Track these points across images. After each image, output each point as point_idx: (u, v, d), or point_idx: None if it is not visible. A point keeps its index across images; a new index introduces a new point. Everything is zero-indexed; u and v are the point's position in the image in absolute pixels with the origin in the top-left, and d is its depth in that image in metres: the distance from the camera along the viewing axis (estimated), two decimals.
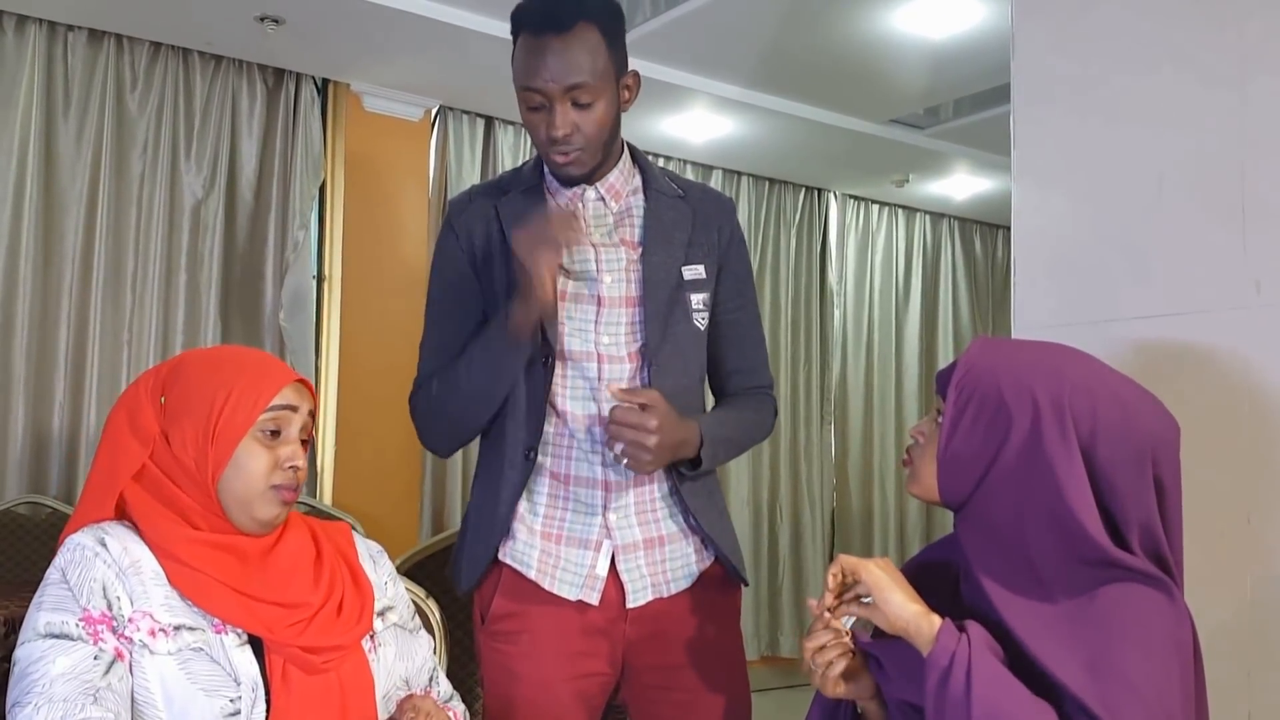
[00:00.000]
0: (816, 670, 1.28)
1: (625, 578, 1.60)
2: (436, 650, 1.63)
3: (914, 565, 1.36)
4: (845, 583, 1.27)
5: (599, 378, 1.61)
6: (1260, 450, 1.54)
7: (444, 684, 1.52)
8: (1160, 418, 1.22)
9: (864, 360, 5.76)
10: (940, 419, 1.26)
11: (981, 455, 1.22)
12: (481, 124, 4.55)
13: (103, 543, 1.24)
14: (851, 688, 1.29)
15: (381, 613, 1.43)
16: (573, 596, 1.59)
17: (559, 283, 1.61)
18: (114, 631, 1.20)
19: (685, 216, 1.69)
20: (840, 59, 3.90)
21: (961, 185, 5.51)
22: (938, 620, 1.17)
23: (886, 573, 1.23)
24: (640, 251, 1.65)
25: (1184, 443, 1.23)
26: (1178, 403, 1.26)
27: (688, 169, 5.06)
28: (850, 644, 1.29)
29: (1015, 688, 1.12)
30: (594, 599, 1.59)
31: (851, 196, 5.76)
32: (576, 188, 1.65)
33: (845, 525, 5.66)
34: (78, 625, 1.19)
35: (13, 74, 3.58)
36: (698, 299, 1.67)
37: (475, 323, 1.65)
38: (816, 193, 5.61)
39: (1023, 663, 1.15)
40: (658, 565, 1.63)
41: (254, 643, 1.28)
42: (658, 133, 4.63)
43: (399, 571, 1.53)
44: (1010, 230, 1.90)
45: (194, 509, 1.29)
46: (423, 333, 1.70)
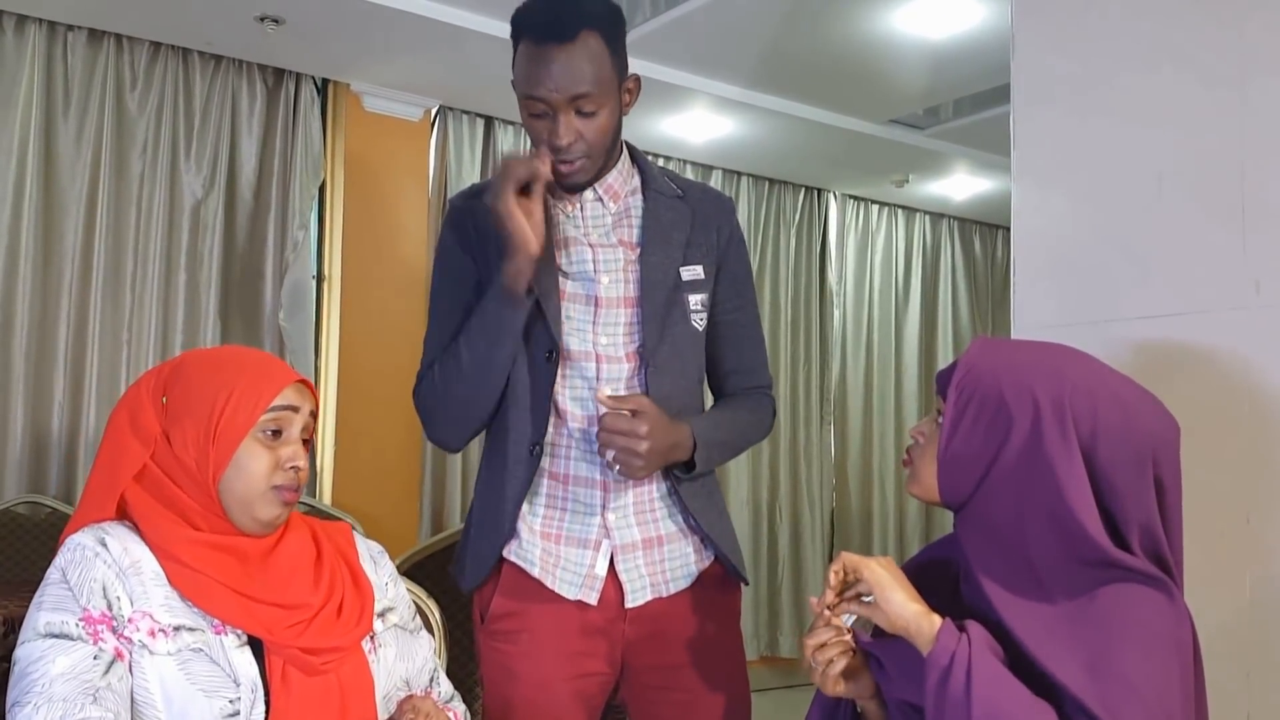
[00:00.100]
0: (817, 668, 1.28)
1: (624, 578, 1.60)
2: (436, 650, 1.63)
3: (915, 564, 1.36)
4: (847, 580, 1.27)
5: (597, 378, 1.61)
6: (1260, 450, 1.54)
7: (445, 684, 1.51)
8: (1160, 418, 1.22)
9: (863, 360, 5.76)
10: (940, 419, 1.26)
11: (982, 456, 1.22)
12: (481, 124, 4.55)
13: (103, 543, 1.24)
14: (852, 686, 1.29)
15: (382, 613, 1.43)
16: (572, 596, 1.59)
17: (559, 282, 1.62)
18: (114, 631, 1.20)
19: (684, 217, 1.68)
20: (840, 59, 3.89)
21: (961, 185, 5.51)
22: (938, 620, 1.17)
23: (888, 571, 1.23)
24: (638, 252, 1.64)
25: (1184, 443, 1.23)
26: (1177, 403, 1.26)
27: (687, 169, 5.06)
28: (851, 642, 1.29)
29: (1015, 688, 1.12)
30: (593, 599, 1.59)
31: (851, 197, 5.76)
32: None
33: (845, 525, 5.66)
34: (78, 625, 1.19)
35: (12, 74, 3.58)
36: (696, 300, 1.67)
37: None
38: (816, 193, 5.61)
39: (1023, 663, 1.15)
40: (656, 565, 1.62)
41: (254, 644, 1.28)
42: (657, 133, 4.63)
43: (398, 571, 1.53)
44: (1010, 230, 1.90)
45: (195, 509, 1.29)
46: (426, 328, 1.69)
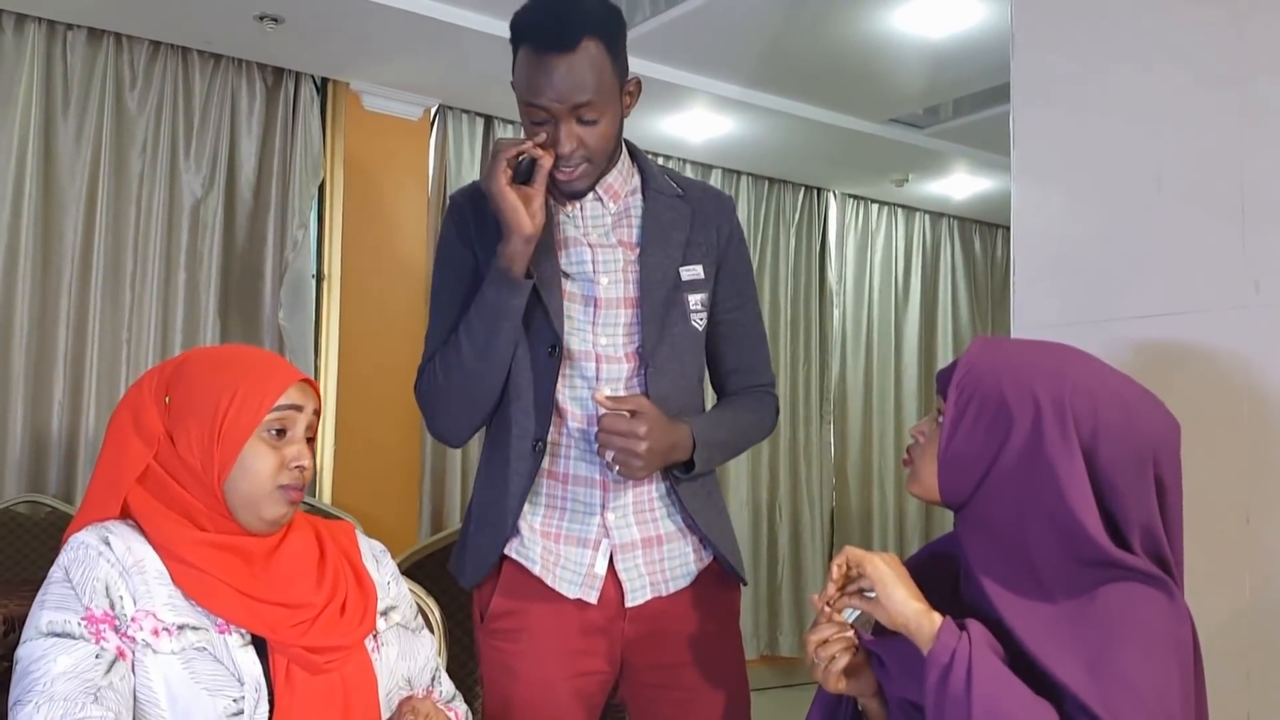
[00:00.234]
0: (819, 664, 1.28)
1: (623, 577, 1.60)
2: (437, 649, 1.63)
3: (916, 561, 1.36)
4: (849, 575, 1.27)
5: (597, 378, 1.61)
6: (1259, 450, 1.54)
7: (446, 684, 1.51)
8: (1161, 417, 1.22)
9: (863, 360, 5.76)
10: (941, 419, 1.26)
11: (982, 455, 1.22)
12: (481, 123, 4.54)
13: (106, 541, 1.24)
14: (853, 684, 1.29)
15: (384, 612, 1.43)
16: (572, 595, 1.59)
17: (561, 283, 1.62)
18: (116, 630, 1.21)
19: (684, 216, 1.68)
20: (840, 58, 3.89)
21: (961, 185, 5.51)
22: (939, 618, 1.17)
23: (891, 568, 1.23)
24: (638, 252, 1.64)
25: (1183, 442, 1.23)
26: (1177, 402, 1.26)
27: (687, 168, 5.05)
28: (853, 638, 1.29)
29: (1016, 686, 1.12)
30: (592, 598, 1.59)
31: (851, 196, 5.76)
32: None
33: (844, 524, 5.66)
34: (80, 624, 1.19)
35: (12, 73, 3.58)
36: (696, 299, 1.66)
37: None
38: (816, 192, 5.61)
39: (1023, 662, 1.15)
40: (656, 564, 1.62)
41: (257, 643, 1.28)
42: (657, 132, 4.62)
43: (398, 570, 1.53)
44: (1010, 230, 1.90)
45: (200, 510, 1.29)
46: (428, 323, 1.69)
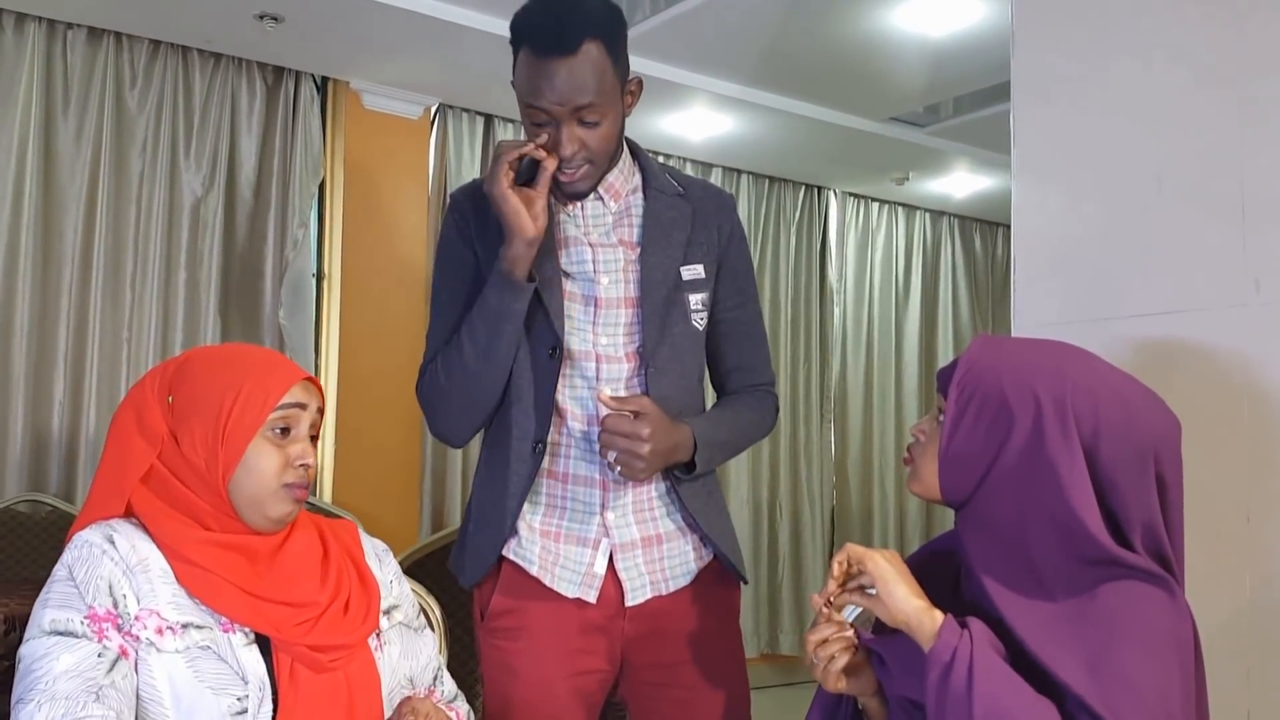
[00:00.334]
0: (819, 664, 1.28)
1: (623, 576, 1.60)
2: (438, 648, 1.63)
3: (917, 559, 1.35)
4: (850, 572, 1.26)
5: (597, 378, 1.61)
6: (1259, 448, 1.54)
7: (448, 683, 1.51)
8: (1162, 416, 1.22)
9: (864, 358, 5.75)
10: (941, 417, 1.26)
11: (983, 454, 1.22)
12: (481, 122, 4.54)
13: (111, 540, 1.24)
14: (853, 683, 1.29)
15: (387, 611, 1.43)
16: (571, 594, 1.59)
17: (562, 283, 1.62)
18: (119, 629, 1.21)
19: (685, 215, 1.68)
20: (840, 57, 3.89)
21: (961, 183, 5.51)
22: (940, 616, 1.17)
23: (892, 565, 1.23)
24: (638, 252, 1.64)
25: (1183, 441, 1.23)
26: (1177, 401, 1.26)
27: (687, 167, 5.05)
28: (853, 638, 1.29)
29: (1017, 684, 1.12)
30: (592, 597, 1.59)
31: (851, 194, 5.76)
32: None
33: (845, 523, 5.66)
34: (83, 623, 1.19)
35: (12, 72, 3.57)
36: (696, 299, 1.66)
37: None
38: (816, 190, 5.61)
39: (1024, 661, 1.15)
40: (656, 563, 1.62)
41: (261, 641, 1.28)
42: (657, 131, 4.62)
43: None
44: (1010, 228, 1.90)
45: (204, 509, 1.29)
46: (429, 323, 1.69)
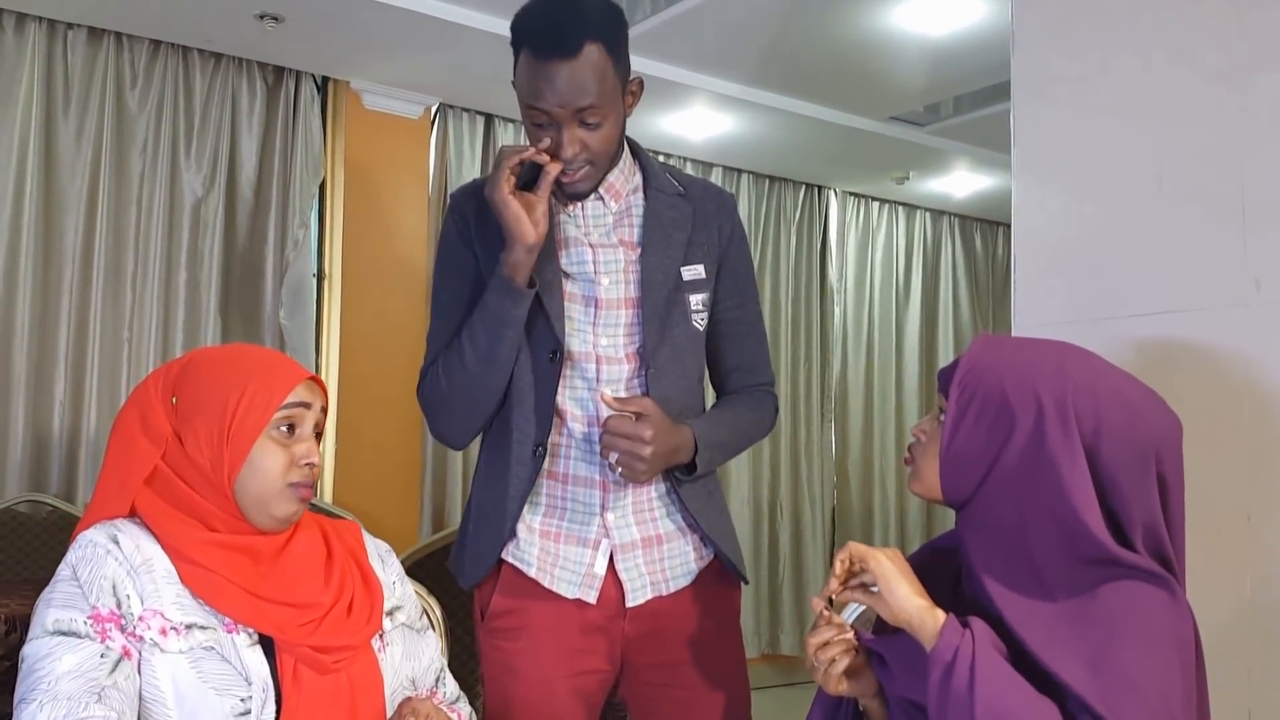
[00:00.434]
0: (819, 667, 1.28)
1: (624, 576, 1.60)
2: (440, 648, 1.63)
3: (918, 558, 1.35)
4: (852, 570, 1.26)
5: (598, 379, 1.61)
6: (1260, 448, 1.54)
7: (451, 684, 1.51)
8: (1163, 415, 1.22)
9: (864, 358, 5.75)
10: (942, 417, 1.26)
11: (984, 454, 1.22)
12: (481, 121, 4.54)
13: (115, 540, 1.24)
14: (854, 685, 1.29)
15: (390, 612, 1.43)
16: (570, 595, 1.59)
17: (562, 285, 1.61)
18: (122, 630, 1.21)
19: (685, 215, 1.68)
20: (840, 56, 3.89)
21: (962, 182, 5.50)
22: (942, 615, 1.17)
23: (895, 563, 1.22)
24: (639, 252, 1.64)
25: (1184, 441, 1.23)
26: (1177, 400, 1.26)
27: (688, 166, 5.04)
28: (854, 640, 1.29)
29: (1019, 684, 1.12)
30: (592, 598, 1.59)
31: (851, 194, 5.75)
32: None
33: (846, 523, 5.66)
34: (86, 623, 1.19)
35: (12, 72, 3.57)
36: (697, 299, 1.66)
37: None
38: (816, 190, 5.60)
39: (1025, 661, 1.15)
40: (656, 564, 1.62)
41: (265, 642, 1.28)
42: (657, 130, 4.62)
43: None
44: (1010, 227, 1.90)
45: (209, 510, 1.29)
46: (430, 324, 1.69)
